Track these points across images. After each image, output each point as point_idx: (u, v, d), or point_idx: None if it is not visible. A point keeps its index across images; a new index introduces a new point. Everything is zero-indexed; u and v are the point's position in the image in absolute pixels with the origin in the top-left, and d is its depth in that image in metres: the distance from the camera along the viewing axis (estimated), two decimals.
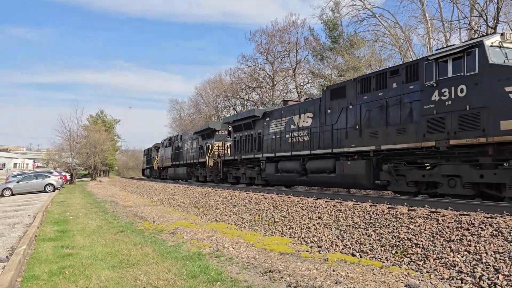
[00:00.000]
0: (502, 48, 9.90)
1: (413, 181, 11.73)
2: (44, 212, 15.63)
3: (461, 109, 9.99)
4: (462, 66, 10.13)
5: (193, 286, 5.80)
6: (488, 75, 9.51)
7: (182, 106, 74.94)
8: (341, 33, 37.63)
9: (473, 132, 9.67)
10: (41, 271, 6.80)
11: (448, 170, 10.56)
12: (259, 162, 19.48)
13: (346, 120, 13.88)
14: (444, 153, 10.73)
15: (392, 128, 11.97)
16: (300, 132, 16.59)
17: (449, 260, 6.33)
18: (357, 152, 13.37)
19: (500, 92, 9.16)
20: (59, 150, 55.10)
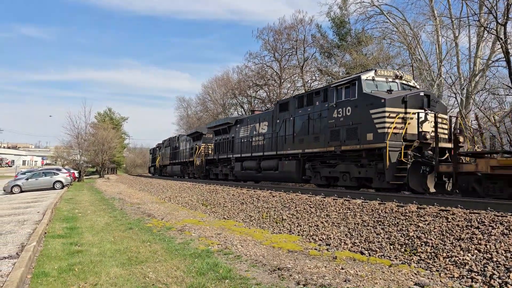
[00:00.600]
0: (374, 81, 13.45)
1: (325, 176, 15.29)
2: (53, 209, 15.75)
3: (348, 124, 13.56)
4: (349, 93, 13.71)
5: (202, 283, 5.81)
6: (361, 101, 13.08)
7: (189, 104, 75.14)
8: (348, 30, 37.45)
9: (354, 141, 13.16)
10: (50, 268, 6.86)
11: (342, 168, 14.18)
12: (231, 161, 23.29)
13: (285, 129, 17.52)
14: (340, 156, 14.18)
15: (312, 136, 15.52)
16: (258, 137, 20.25)
17: (459, 258, 6.28)
18: (291, 154, 16.98)
19: (367, 113, 12.72)
20: (67, 148, 55.51)
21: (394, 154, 11.82)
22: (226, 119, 26.85)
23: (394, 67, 30.09)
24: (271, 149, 18.56)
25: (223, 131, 25.19)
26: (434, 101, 12.80)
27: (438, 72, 25.61)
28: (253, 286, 5.64)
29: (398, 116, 12.16)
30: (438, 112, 12.37)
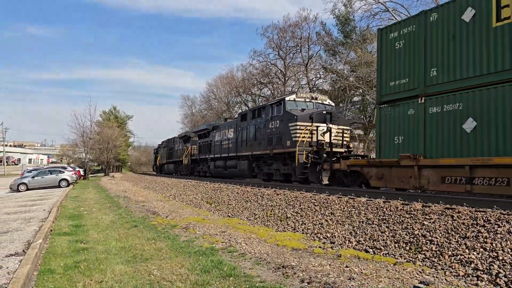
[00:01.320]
0: (295, 101, 17.84)
1: (266, 173, 19.71)
2: (59, 207, 15.85)
3: (277, 133, 18.06)
4: (278, 110, 18.21)
5: (206, 281, 5.82)
6: (285, 117, 17.53)
7: (193, 102, 75.35)
8: (353, 27, 37.35)
9: (280, 146, 17.63)
10: (56, 265, 6.91)
11: (275, 166, 18.68)
12: (208, 160, 28.25)
13: (242, 136, 21.97)
14: (273, 157, 18.55)
15: (257, 142, 19.99)
16: (227, 141, 24.56)
17: (465, 257, 6.25)
18: (245, 155, 21.41)
19: (287, 126, 17.11)
20: (72, 146, 55.72)
21: (301, 156, 16.02)
22: (206, 125, 31.87)
23: None
24: (234, 151, 23.10)
25: (204, 135, 29.58)
26: (335, 117, 17.39)
27: None
28: (258, 284, 5.65)
29: (306, 128, 16.45)
30: (339, 125, 17.10)
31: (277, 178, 18.67)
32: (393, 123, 12.49)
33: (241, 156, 21.94)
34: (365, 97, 34.43)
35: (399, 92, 12.31)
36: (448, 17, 11.03)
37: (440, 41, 11.21)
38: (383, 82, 12.89)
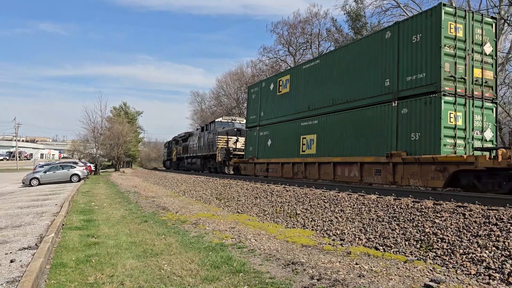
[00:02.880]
0: (221, 122, 29.86)
1: (208, 167, 30.76)
2: (70, 201, 16.03)
3: (211, 142, 29.42)
4: (212, 128, 29.78)
5: (216, 276, 5.85)
6: (214, 132, 28.99)
7: (203, 98, 75.53)
8: (364, 24, 37.03)
9: (212, 150, 28.80)
10: (68, 259, 6.99)
11: (211, 163, 29.93)
12: (187, 158, 39.08)
13: (200, 142, 33.58)
14: (210, 157, 29.70)
15: (204, 147, 31.35)
16: (194, 145, 36.25)
17: (476, 255, 6.19)
18: (199, 156, 33.23)
19: (215, 138, 28.39)
20: (84, 141, 56.32)
21: (220, 157, 27.42)
22: (187, 132, 43.10)
23: None
24: (195, 152, 35.30)
25: (185, 140, 40.49)
26: (243, 132, 26.56)
27: None
28: (267, 280, 5.66)
29: (224, 140, 27.89)
30: (242, 137, 27.30)
31: (212, 170, 30.02)
32: (249, 138, 24.30)
33: (198, 156, 34.35)
34: None
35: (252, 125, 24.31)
36: (266, 88, 22.44)
37: (263, 98, 22.62)
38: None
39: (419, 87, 12.42)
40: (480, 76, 12.57)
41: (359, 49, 15.43)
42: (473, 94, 12.32)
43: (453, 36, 12.08)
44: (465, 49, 12.29)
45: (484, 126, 12.57)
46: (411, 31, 12.91)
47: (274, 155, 20.52)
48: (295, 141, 18.83)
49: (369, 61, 14.63)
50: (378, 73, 14.12)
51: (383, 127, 13.63)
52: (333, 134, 16.23)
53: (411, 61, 12.79)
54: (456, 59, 12.07)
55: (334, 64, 16.70)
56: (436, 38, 11.97)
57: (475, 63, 12.50)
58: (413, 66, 12.67)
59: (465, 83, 12.22)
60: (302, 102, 18.61)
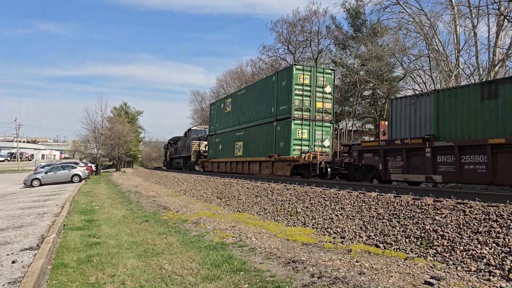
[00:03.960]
0: (196, 130, 39.08)
1: (187, 166, 38.52)
2: (72, 202, 16.06)
3: (189, 146, 37.35)
4: (189, 134, 38.62)
5: (216, 275, 5.87)
6: (190, 137, 37.84)
7: (203, 97, 75.51)
8: (364, 21, 37.02)
9: (188, 153, 37.79)
10: (70, 259, 7.01)
11: (189, 163, 37.91)
12: (176, 159, 45.80)
13: (183, 145, 41.34)
14: (187, 158, 38.73)
15: (185, 149, 40.25)
16: (180, 148, 42.84)
17: (477, 252, 6.20)
18: (182, 156, 41.54)
19: (191, 143, 36.94)
20: (84, 142, 56.35)
21: (193, 158, 35.59)
22: (176, 137, 48.05)
23: (410, 58, 29.66)
24: (180, 154, 42.72)
25: (175, 143, 47.05)
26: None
27: (456, 62, 25.13)
28: (268, 279, 5.67)
29: (196, 144, 35.55)
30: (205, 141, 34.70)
31: (190, 168, 36.50)
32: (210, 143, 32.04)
33: (181, 156, 42.01)
34: (375, 91, 34.16)
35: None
36: (219, 107, 30.32)
37: (217, 114, 30.54)
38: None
39: (284, 114, 19.85)
40: (321, 107, 19.84)
41: (260, 86, 23.44)
42: (315, 118, 19.66)
43: (301, 83, 19.27)
44: (310, 91, 19.51)
45: (323, 138, 19.99)
46: (282, 78, 20.28)
47: (222, 156, 28.61)
48: (233, 146, 26.55)
49: (265, 95, 22.19)
50: (269, 103, 21.69)
51: (269, 138, 21.29)
52: (250, 142, 23.85)
53: (282, 97, 20.22)
54: (304, 97, 19.31)
55: (252, 94, 24.29)
56: (290, 84, 19.29)
57: (318, 99, 19.70)
58: (283, 100, 20.07)
59: (310, 111, 19.52)
60: (237, 118, 26.45)
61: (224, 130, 28.60)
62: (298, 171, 18.81)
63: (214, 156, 30.30)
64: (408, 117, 14.12)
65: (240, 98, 26.33)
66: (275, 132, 20.63)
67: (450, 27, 27.11)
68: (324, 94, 19.95)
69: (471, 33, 25.20)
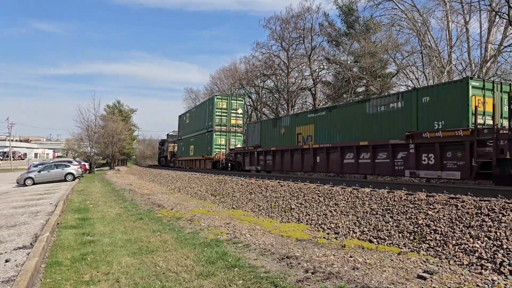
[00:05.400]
0: (172, 135, 51.83)
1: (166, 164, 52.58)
2: (65, 200, 15.98)
3: (166, 148, 53.10)
4: (167, 139, 53.82)
5: (211, 272, 5.88)
6: (168, 141, 52.99)
7: (197, 95, 75.21)
8: (357, 18, 37.02)
9: (167, 153, 52.44)
10: (64, 258, 6.99)
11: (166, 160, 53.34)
12: (161, 157, 56.63)
13: (165, 147, 54.90)
14: (166, 157, 52.80)
15: (165, 150, 54.42)
16: (164, 148, 55.41)
17: (469, 246, 6.26)
18: (164, 156, 54.99)
19: (167, 145, 52.07)
20: (78, 140, 56.12)
21: (169, 157, 49.92)
22: (163, 139, 59.79)
23: (403, 55, 29.76)
24: (164, 154, 53.91)
25: (162, 144, 57.39)
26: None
27: (448, 58, 25.26)
28: (262, 275, 5.69)
29: (171, 146, 49.52)
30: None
31: (170, 166, 44.82)
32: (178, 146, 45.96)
33: (164, 156, 53.09)
34: (368, 87, 34.24)
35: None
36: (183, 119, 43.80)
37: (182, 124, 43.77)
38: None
39: (210, 127, 31.22)
40: (235, 123, 31.35)
41: (201, 107, 36.48)
42: (230, 130, 30.86)
43: (220, 108, 30.95)
44: (227, 112, 31.05)
45: (236, 143, 30.79)
46: (210, 104, 32.26)
47: (184, 156, 40.44)
48: (189, 149, 38.38)
49: (202, 114, 34.53)
50: (204, 119, 33.49)
51: (203, 144, 32.65)
52: (196, 146, 35.47)
53: (209, 116, 31.74)
54: (222, 116, 30.96)
55: (198, 112, 37.04)
56: (213, 108, 30.96)
57: (232, 117, 31.05)
58: (210, 118, 31.48)
59: (226, 126, 30.96)
60: (191, 128, 38.44)
61: (185, 137, 41.00)
62: (216, 166, 29.97)
63: (180, 156, 43.09)
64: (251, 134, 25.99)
65: (193, 114, 39.28)
66: (206, 140, 32.02)
67: (442, 23, 27.23)
68: (236, 114, 31.61)
69: (463, 29, 25.33)
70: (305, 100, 44.31)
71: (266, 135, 23.29)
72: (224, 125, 30.72)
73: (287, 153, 20.45)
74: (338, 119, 17.41)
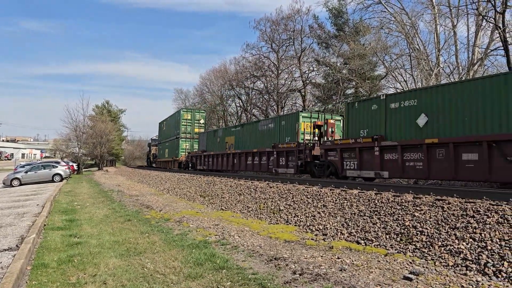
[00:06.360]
0: (155, 139, 57.42)
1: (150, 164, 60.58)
2: (52, 201, 15.80)
3: (149, 150, 61.25)
4: (150, 141, 62.84)
5: (199, 273, 5.87)
6: (151, 144, 61.17)
7: (187, 95, 75.03)
8: (346, 20, 37.28)
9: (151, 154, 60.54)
10: (50, 259, 6.92)
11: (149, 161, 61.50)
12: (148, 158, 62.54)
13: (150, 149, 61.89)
14: (150, 157, 59.67)
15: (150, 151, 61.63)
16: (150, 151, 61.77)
17: (454, 247, 6.35)
18: (149, 157, 61.59)
19: (151, 148, 59.56)
20: (66, 141, 55.53)
21: (152, 158, 55.93)
22: (149, 143, 63.78)
23: (392, 57, 30.03)
24: (148, 155, 61.42)
25: (149, 146, 60.77)
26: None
27: (436, 61, 25.56)
28: (250, 276, 5.71)
29: (154, 149, 54.93)
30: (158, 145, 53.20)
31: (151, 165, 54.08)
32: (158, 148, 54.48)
33: (149, 157, 59.47)
34: (358, 89, 34.49)
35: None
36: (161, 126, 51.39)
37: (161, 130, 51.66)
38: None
39: (178, 134, 38.60)
40: (198, 131, 38.52)
41: (173, 117, 43.22)
42: (194, 137, 38.23)
43: (186, 118, 38.89)
44: (191, 122, 38.97)
45: (194, 146, 37.27)
46: (178, 116, 39.78)
47: (162, 157, 47.13)
48: (164, 151, 45.37)
49: (173, 123, 41.93)
50: (174, 128, 40.51)
51: (174, 147, 39.91)
52: (169, 149, 42.35)
53: (177, 125, 39.21)
54: (187, 126, 38.71)
55: (171, 121, 44.01)
56: (180, 119, 39.04)
57: (195, 126, 38.96)
58: (178, 127, 38.81)
59: (191, 133, 38.54)
60: (166, 134, 45.38)
61: (163, 141, 47.84)
62: (180, 166, 37.08)
63: (159, 158, 49.48)
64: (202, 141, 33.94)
65: (168, 122, 45.85)
66: (175, 144, 39.12)
67: (430, 26, 27.54)
68: (199, 124, 39.43)
69: (451, 33, 25.66)
70: (294, 101, 44.43)
71: (209, 142, 30.75)
72: (189, 132, 38.38)
73: (219, 156, 27.88)
74: (246, 133, 24.53)
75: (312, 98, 41.53)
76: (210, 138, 30.65)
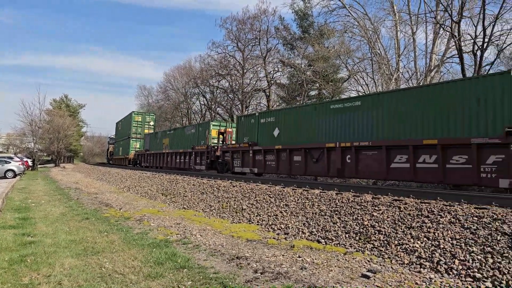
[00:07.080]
0: (112, 138, 57.31)
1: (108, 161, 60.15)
2: (4, 199, 15.06)
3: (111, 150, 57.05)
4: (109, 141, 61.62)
5: (159, 273, 5.78)
6: (109, 143, 59.68)
7: (150, 92, 73.87)
8: (311, 22, 37.84)
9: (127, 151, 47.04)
10: (1, 260, 6.59)
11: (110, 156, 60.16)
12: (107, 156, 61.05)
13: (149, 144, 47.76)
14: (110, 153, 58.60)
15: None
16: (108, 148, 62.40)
17: (410, 246, 6.59)
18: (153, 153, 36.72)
19: (109, 146, 59.99)
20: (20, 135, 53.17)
21: (109, 155, 57.11)
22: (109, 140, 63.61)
23: (354, 61, 30.76)
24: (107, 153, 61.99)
25: (108, 143, 60.59)
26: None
27: (396, 66, 26.42)
28: (211, 275, 5.68)
29: (112, 147, 55.59)
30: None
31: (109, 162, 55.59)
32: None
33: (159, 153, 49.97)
34: (321, 91, 35.08)
35: None
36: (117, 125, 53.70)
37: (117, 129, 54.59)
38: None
39: (129, 135, 42.73)
40: (147, 132, 41.38)
41: (126, 119, 46.65)
42: (144, 137, 40.39)
43: (137, 121, 43.09)
44: (142, 124, 43.15)
45: (140, 146, 41.36)
46: (130, 118, 43.98)
47: (117, 155, 50.00)
48: (119, 149, 48.59)
49: (127, 124, 45.27)
50: (127, 128, 44.42)
51: (126, 146, 43.88)
52: (123, 148, 45.72)
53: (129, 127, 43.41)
54: (137, 127, 42.88)
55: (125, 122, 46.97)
56: (131, 121, 43.08)
57: (145, 127, 43.21)
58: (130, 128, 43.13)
59: (141, 134, 42.26)
60: (121, 134, 47.91)
61: (118, 140, 50.38)
62: (130, 162, 41.46)
63: (115, 155, 51.81)
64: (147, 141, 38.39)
65: (123, 123, 48.47)
66: (127, 144, 43.01)
67: (391, 32, 28.48)
68: (149, 125, 43.54)
69: (410, 39, 26.62)
70: (259, 101, 44.63)
71: (152, 143, 35.45)
72: (139, 133, 42.53)
73: (159, 155, 32.97)
74: (177, 136, 29.59)
75: (277, 98, 41.86)
76: (152, 139, 35.64)
